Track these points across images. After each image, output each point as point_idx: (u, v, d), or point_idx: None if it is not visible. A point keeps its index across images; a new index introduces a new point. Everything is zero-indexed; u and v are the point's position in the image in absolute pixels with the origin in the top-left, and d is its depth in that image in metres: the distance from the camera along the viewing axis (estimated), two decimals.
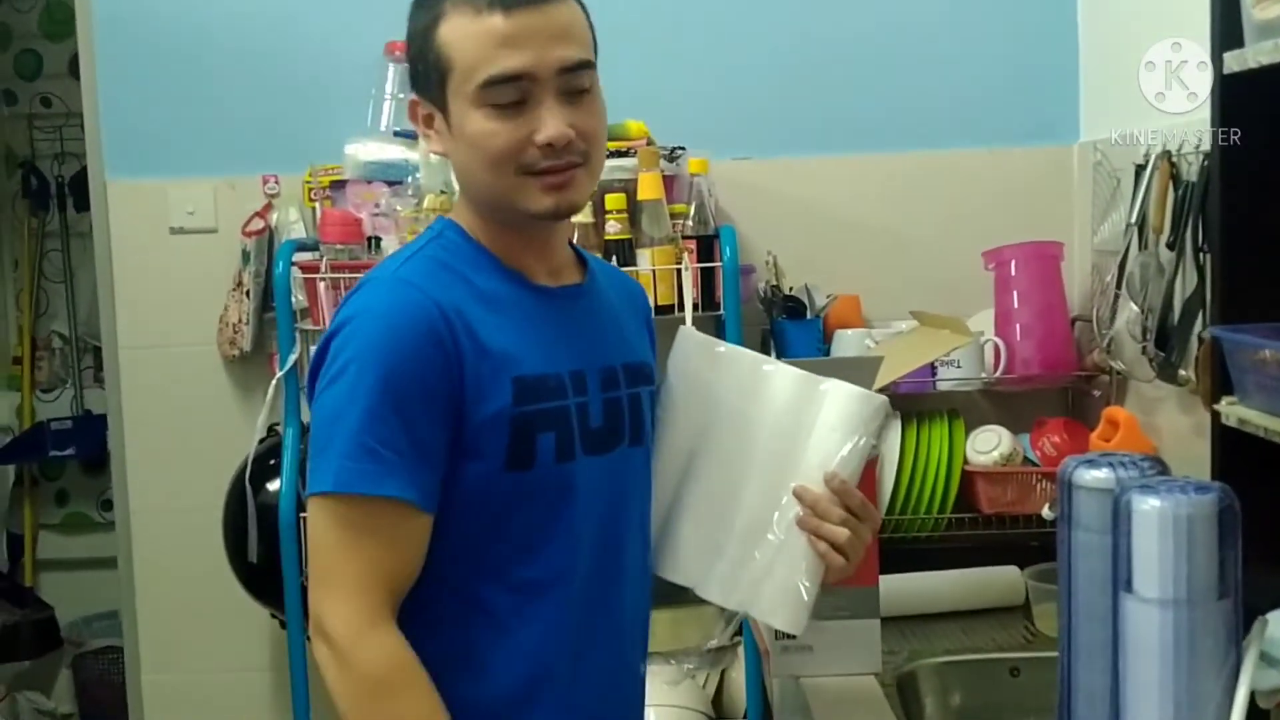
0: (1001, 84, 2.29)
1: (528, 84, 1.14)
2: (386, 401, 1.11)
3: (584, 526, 1.21)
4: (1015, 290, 2.12)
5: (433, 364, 1.12)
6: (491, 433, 1.14)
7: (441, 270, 1.18)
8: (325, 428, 1.13)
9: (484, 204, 1.21)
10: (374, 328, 1.13)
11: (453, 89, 1.16)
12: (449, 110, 1.17)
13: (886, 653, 1.61)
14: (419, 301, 1.13)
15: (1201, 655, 1.03)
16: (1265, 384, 1.19)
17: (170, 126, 2.34)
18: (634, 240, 2.08)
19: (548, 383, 1.18)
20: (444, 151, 1.22)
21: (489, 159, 1.16)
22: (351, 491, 1.11)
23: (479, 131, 1.15)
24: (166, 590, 2.42)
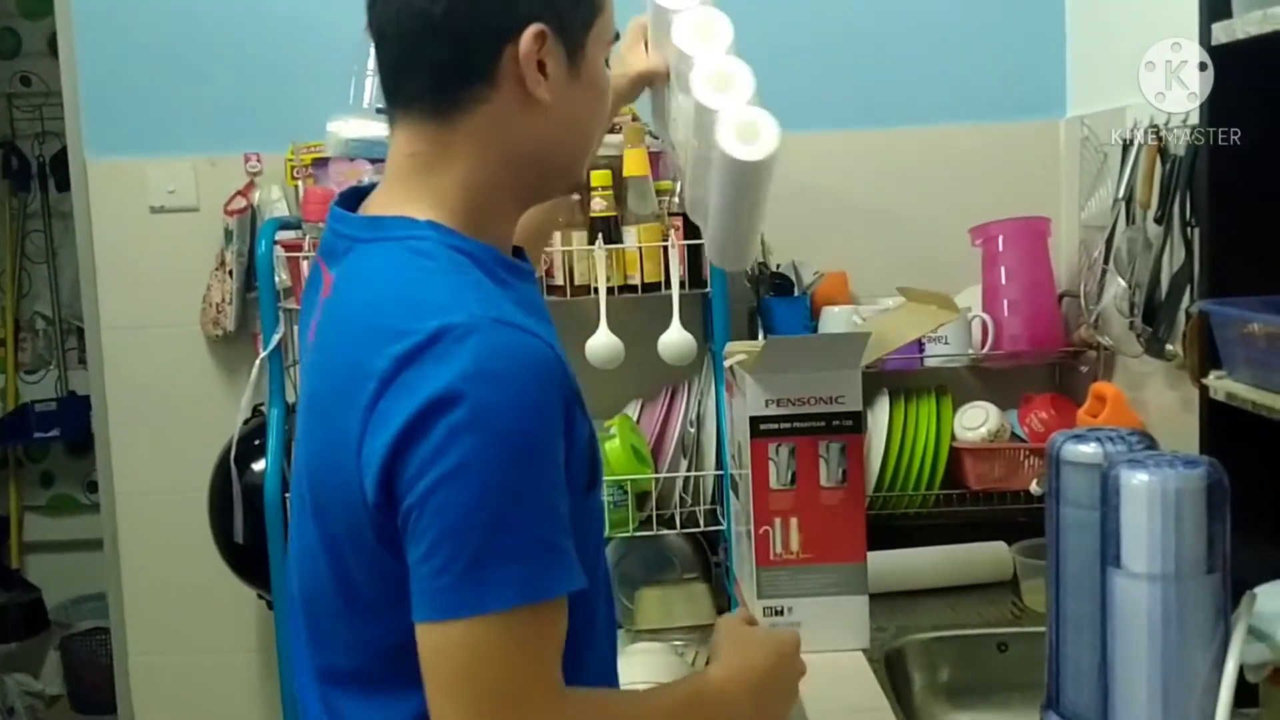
0: (989, 59, 2.28)
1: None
2: (550, 479, 0.91)
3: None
4: (1003, 266, 2.12)
5: (560, 422, 0.92)
6: (581, 457, 0.97)
7: (498, 293, 0.96)
8: (476, 532, 0.88)
9: (549, 169, 1.04)
10: (509, 393, 0.88)
11: (596, 33, 1.03)
12: (585, 54, 1.02)
13: (875, 629, 1.62)
14: (540, 351, 0.91)
15: (1190, 630, 1.04)
16: (1253, 357, 1.18)
17: (150, 104, 2.31)
18: (620, 217, 2.07)
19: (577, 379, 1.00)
20: (550, 99, 0.99)
21: (604, 109, 1.07)
22: (546, 599, 0.90)
23: (605, 81, 1.06)
24: (153, 572, 2.40)
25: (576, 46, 1.01)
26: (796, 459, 1.53)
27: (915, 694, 1.65)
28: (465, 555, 0.88)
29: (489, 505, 0.88)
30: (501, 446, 0.88)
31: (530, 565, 0.89)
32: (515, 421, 0.88)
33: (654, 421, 2.16)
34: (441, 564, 0.88)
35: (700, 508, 2.14)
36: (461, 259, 0.97)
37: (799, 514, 1.54)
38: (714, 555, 2.26)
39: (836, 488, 1.54)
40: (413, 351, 0.89)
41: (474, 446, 0.87)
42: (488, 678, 0.89)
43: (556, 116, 1.00)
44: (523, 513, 0.89)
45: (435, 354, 0.88)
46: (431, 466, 0.87)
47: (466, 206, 1.00)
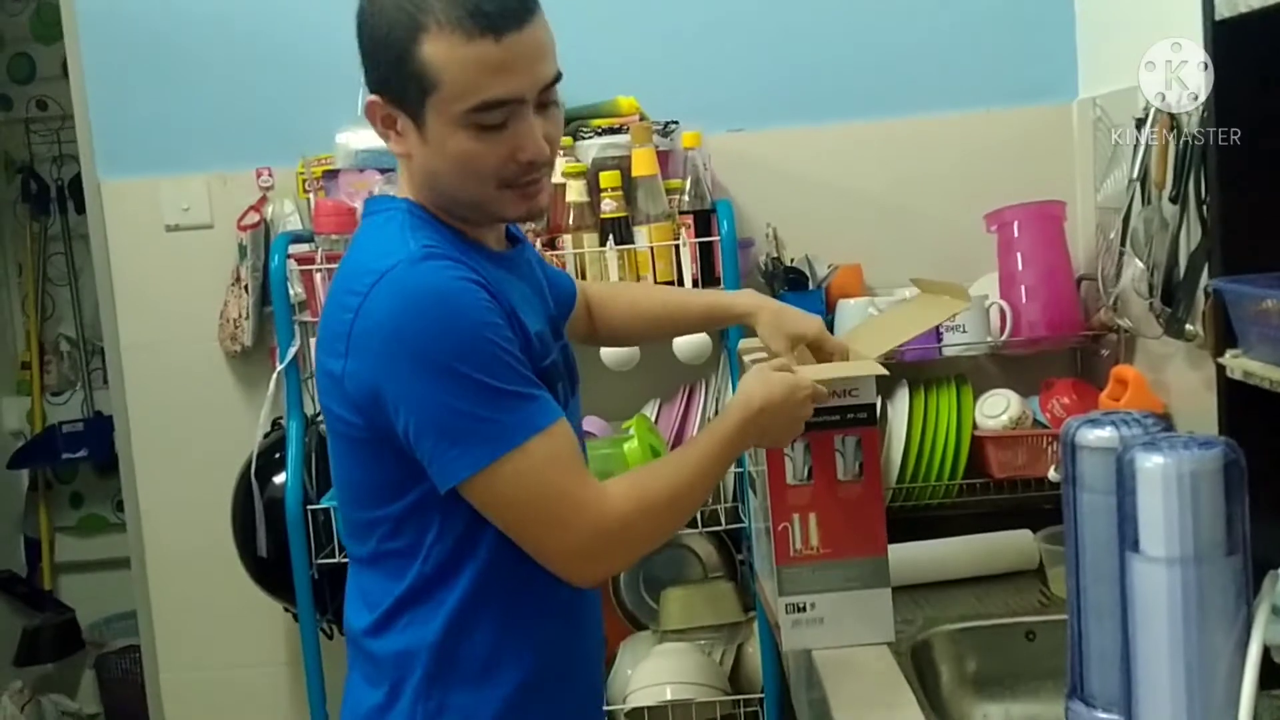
0: (997, 44, 2.26)
1: (514, 105, 1.17)
2: (501, 355, 1.14)
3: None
4: (1018, 252, 2.10)
5: (502, 318, 1.18)
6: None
7: (445, 243, 1.21)
8: (462, 407, 1.14)
9: (452, 205, 1.24)
10: (447, 299, 1.14)
11: (435, 107, 1.16)
12: (425, 123, 1.18)
13: (901, 621, 1.60)
14: (464, 269, 1.17)
15: (1211, 613, 1.02)
16: (1269, 335, 1.17)
17: (161, 123, 2.33)
18: (630, 218, 2.07)
19: (541, 339, 1.27)
20: (406, 154, 1.22)
21: (474, 176, 1.20)
22: (536, 432, 1.15)
23: (464, 151, 1.18)
24: (181, 588, 2.42)
25: (416, 116, 1.19)
26: (812, 454, 1.51)
27: (943, 686, 1.63)
28: (465, 424, 1.14)
29: (463, 389, 1.13)
30: (456, 337, 1.13)
31: (517, 413, 1.15)
32: (455, 315, 1.13)
33: (672, 421, 2.16)
34: (452, 438, 1.14)
35: (722, 506, 2.13)
36: (421, 225, 1.22)
37: (817, 509, 1.53)
38: (738, 553, 2.25)
39: (854, 482, 1.52)
40: (367, 289, 1.16)
41: (436, 344, 1.12)
42: (523, 510, 1.17)
43: (421, 168, 1.22)
44: (493, 382, 1.13)
45: (386, 284, 1.15)
46: (405, 372, 1.14)
47: (425, 201, 1.25)
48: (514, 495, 1.17)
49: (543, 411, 1.17)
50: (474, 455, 1.14)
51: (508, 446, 1.14)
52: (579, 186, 2.04)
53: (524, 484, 1.16)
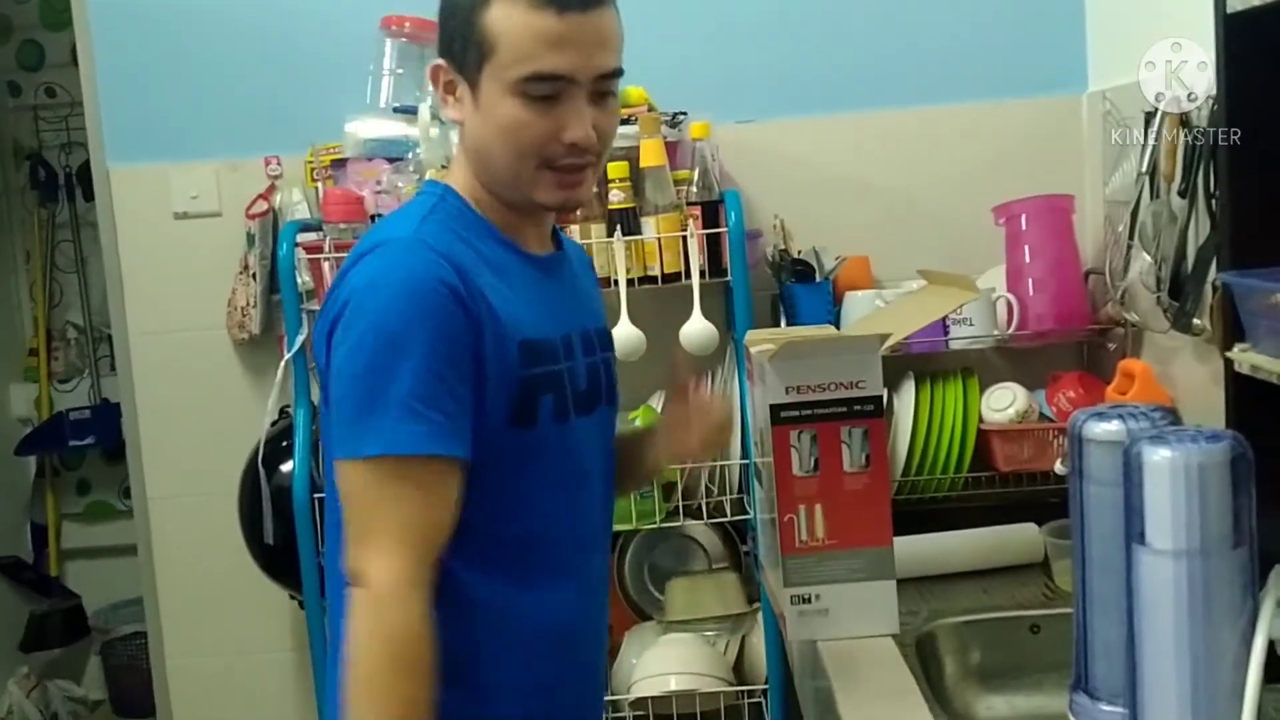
0: (1007, 35, 2.26)
1: (565, 84, 1.18)
2: (428, 362, 1.13)
3: (568, 480, 1.29)
4: (1026, 245, 2.10)
5: (460, 323, 1.15)
6: (499, 392, 1.19)
7: (453, 235, 1.21)
8: (362, 390, 1.14)
9: (494, 181, 1.24)
10: (405, 290, 1.14)
11: (491, 71, 1.19)
12: (480, 88, 1.20)
13: (906, 613, 1.60)
14: (441, 264, 1.16)
15: (1217, 605, 1.02)
16: (1278, 329, 1.16)
17: (170, 111, 2.33)
18: (638, 208, 2.07)
19: (546, 348, 1.24)
20: (461, 120, 1.24)
21: (515, 147, 1.20)
22: (405, 453, 1.13)
23: (511, 119, 1.19)
24: (188, 575, 2.43)
25: (473, 82, 1.21)
26: (818, 445, 1.52)
27: (947, 678, 1.64)
28: (351, 409, 1.15)
29: (374, 368, 1.13)
30: (398, 324, 1.13)
31: (400, 424, 1.12)
32: (414, 309, 1.13)
33: None
34: (340, 415, 1.16)
35: (727, 497, 2.13)
36: (448, 212, 1.24)
37: (823, 500, 1.53)
38: (743, 544, 2.26)
39: (860, 473, 1.52)
40: (363, 253, 1.20)
41: (376, 322, 1.14)
42: (360, 510, 1.15)
43: (471, 136, 1.24)
44: (406, 381, 1.12)
45: (367, 259, 1.18)
46: (344, 339, 1.16)
47: (470, 191, 1.27)
48: (351, 496, 1.16)
49: (417, 438, 1.13)
50: (343, 443, 1.15)
51: (369, 450, 1.13)
52: None
53: (360, 494, 1.15)
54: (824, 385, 1.52)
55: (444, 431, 1.14)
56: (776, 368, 1.52)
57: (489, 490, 1.21)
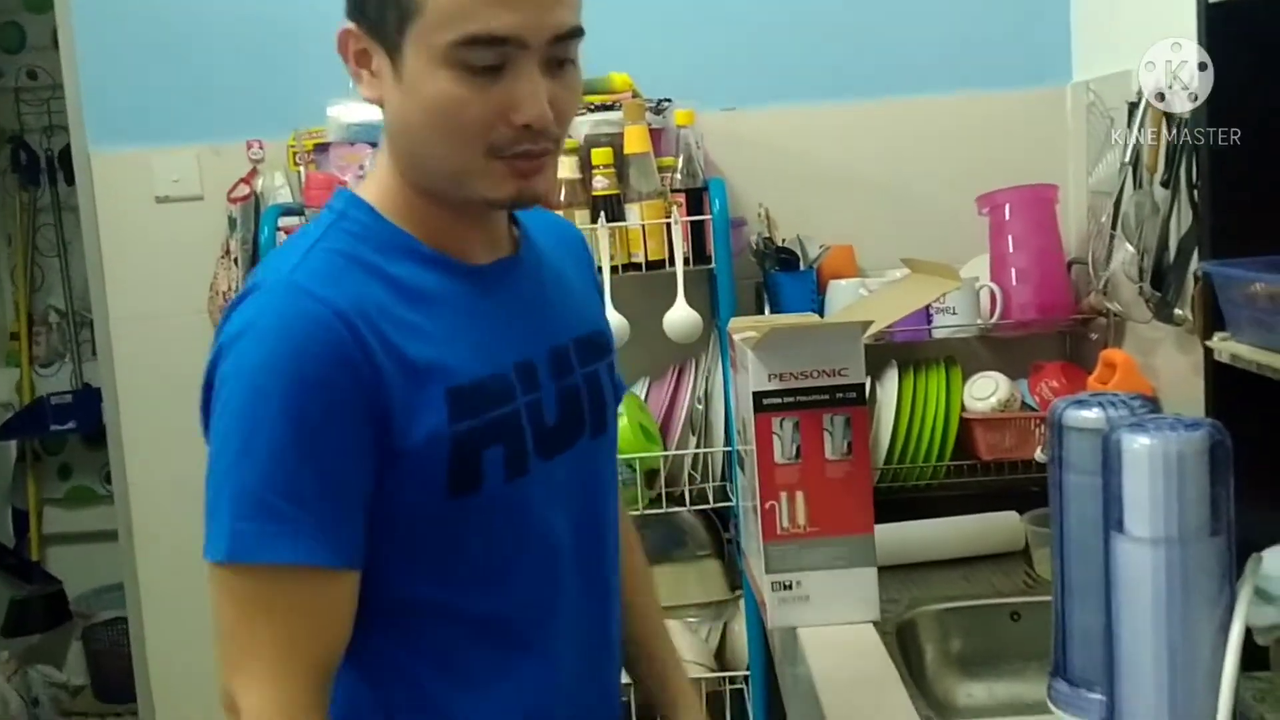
0: (992, 26, 2.26)
1: (512, 49, 0.93)
2: (286, 442, 0.90)
3: (558, 542, 1.07)
4: (1010, 235, 2.10)
5: (341, 389, 0.92)
6: (428, 457, 0.96)
7: (347, 266, 0.96)
8: (214, 478, 0.93)
9: (427, 176, 1.00)
10: (264, 350, 0.91)
11: (416, 34, 0.93)
12: (402, 56, 0.95)
13: (887, 601, 1.61)
14: (317, 315, 0.92)
15: (1195, 593, 1.02)
16: (1257, 318, 1.17)
17: (152, 94, 2.32)
18: (622, 195, 2.06)
19: (489, 388, 0.99)
20: (379, 100, 0.99)
21: (453, 131, 0.95)
22: (249, 561, 0.91)
23: (444, 96, 0.94)
24: (170, 561, 2.42)
25: (393, 48, 0.95)
26: (801, 433, 1.52)
27: (927, 665, 1.64)
28: (208, 499, 0.93)
29: (226, 451, 0.92)
30: (251, 394, 0.91)
31: (245, 522, 0.91)
32: (271, 376, 0.91)
33: (662, 399, 2.16)
34: (207, 508, 0.94)
35: (710, 484, 2.14)
36: (346, 232, 1.00)
37: (805, 488, 1.53)
38: (725, 531, 2.26)
39: (842, 460, 1.53)
40: (240, 298, 0.97)
41: (230, 393, 0.92)
42: (223, 624, 0.94)
43: (394, 118, 0.99)
44: (256, 467, 0.91)
45: (237, 309, 0.96)
46: (207, 417, 0.96)
47: (391, 194, 1.02)
48: (213, 603, 0.95)
49: (268, 541, 0.90)
50: (208, 540, 0.93)
51: (214, 555, 0.92)
52: (570, 163, 2.04)
53: (218, 602, 0.94)
54: (807, 373, 1.52)
55: (302, 528, 0.91)
56: (759, 355, 1.52)
57: (447, 572, 1.00)
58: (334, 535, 0.93)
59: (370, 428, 0.93)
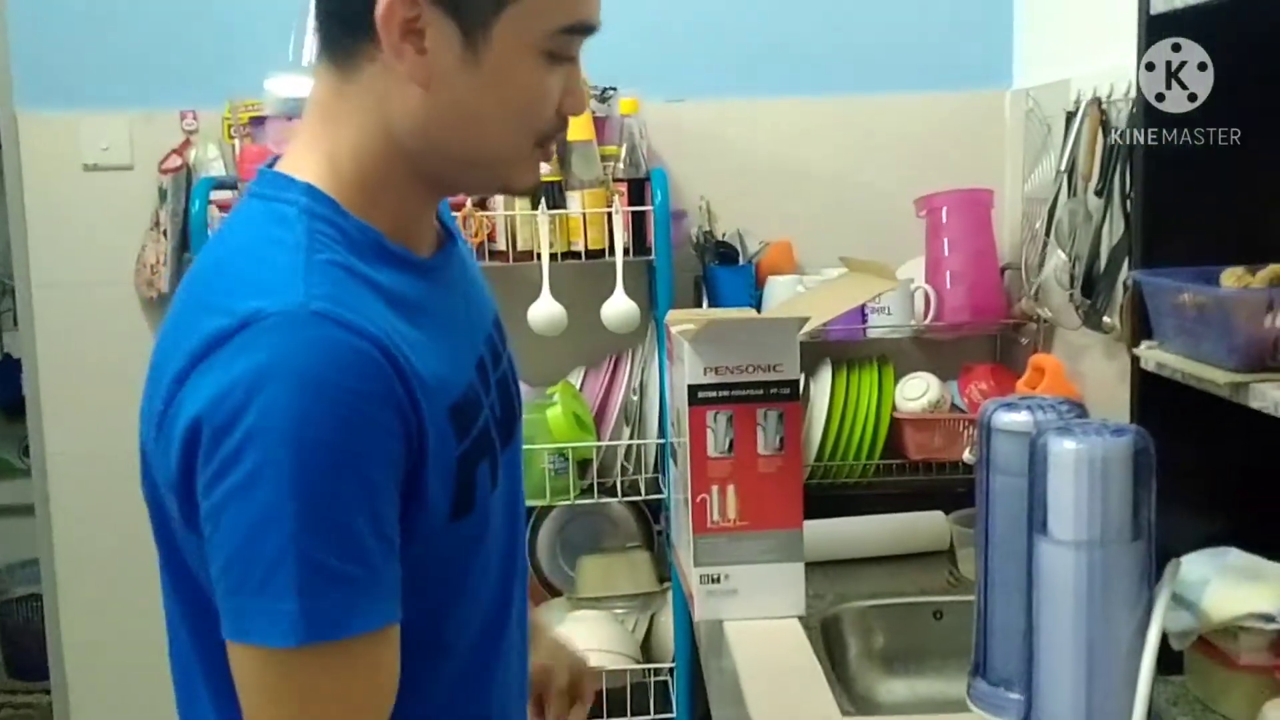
0: (936, 29, 2.28)
1: (579, 44, 0.92)
2: (347, 502, 0.80)
3: (512, 532, 1.03)
4: (946, 237, 2.12)
5: (391, 432, 0.82)
6: (438, 484, 0.88)
7: (347, 280, 0.85)
8: (257, 550, 0.79)
9: (448, 163, 0.92)
10: (305, 397, 0.79)
11: (511, 18, 0.87)
12: (489, 41, 0.87)
13: (812, 596, 1.62)
14: (355, 349, 0.81)
15: (1114, 597, 1.04)
16: (1184, 327, 1.19)
17: (83, 57, 2.25)
18: (564, 182, 2.05)
19: (470, 398, 0.93)
20: (425, 82, 0.87)
21: (527, 116, 0.91)
22: (335, 639, 0.80)
23: (534, 82, 0.89)
24: (88, 537, 2.36)
25: (477, 26, 0.86)
26: (734, 427, 1.52)
27: (850, 660, 1.66)
28: (253, 579, 0.79)
29: (276, 526, 0.78)
30: (293, 459, 0.78)
31: (313, 599, 0.79)
32: (312, 430, 0.78)
33: (597, 389, 2.15)
34: (233, 584, 0.81)
35: (643, 476, 2.14)
36: (324, 235, 0.87)
37: (736, 481, 1.53)
38: (656, 524, 2.26)
39: (774, 455, 1.53)
40: (225, 333, 0.80)
41: (265, 456, 0.78)
42: (281, 713, 0.82)
43: (443, 100, 0.88)
44: (313, 538, 0.79)
45: (242, 341, 0.80)
46: (223, 476, 0.79)
47: (355, 176, 0.90)
48: (257, 696, 0.82)
49: (359, 609, 0.81)
50: (245, 622, 0.81)
51: (280, 640, 0.79)
52: None
53: (277, 694, 0.82)
54: (742, 367, 1.52)
55: (372, 589, 0.82)
56: (696, 348, 1.52)
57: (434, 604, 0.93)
58: (394, 587, 0.84)
59: (407, 461, 0.84)
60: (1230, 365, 1.11)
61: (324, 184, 0.90)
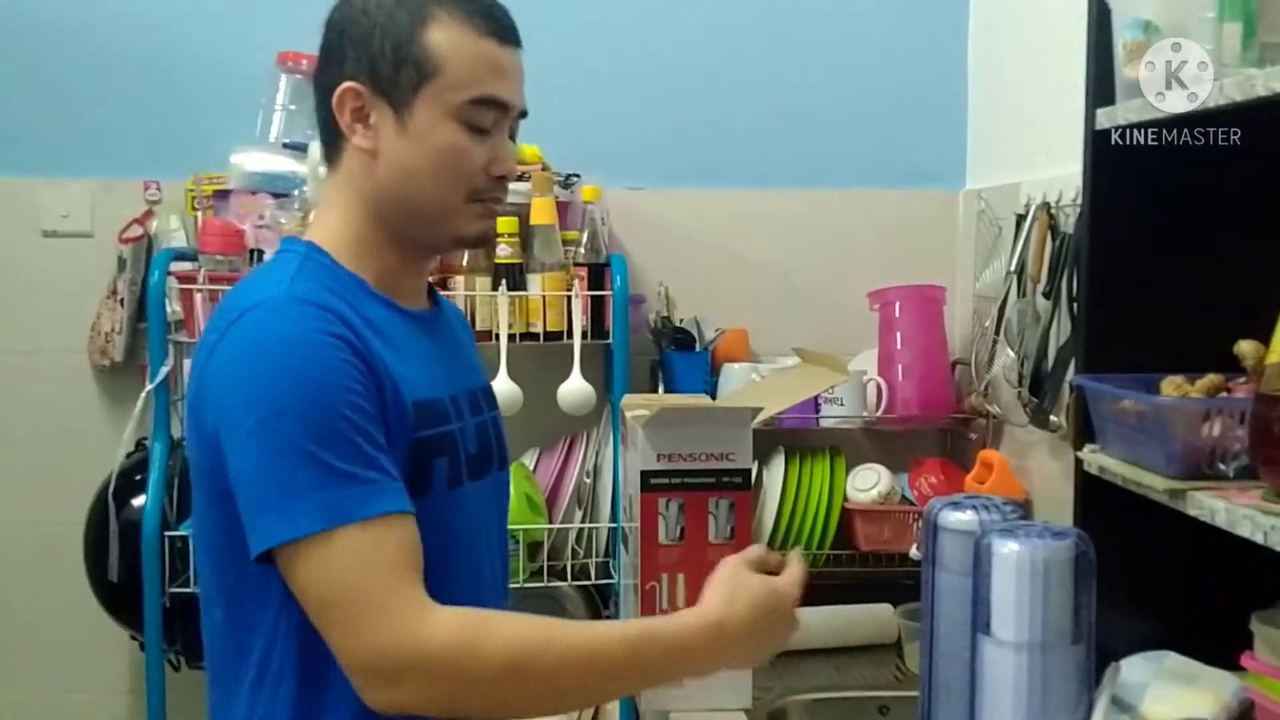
0: (893, 130, 2.34)
1: (499, 116, 1.16)
2: (342, 424, 1.03)
3: (461, 555, 1.18)
4: (898, 331, 2.16)
5: (362, 381, 1.07)
6: (397, 457, 1.09)
7: (329, 292, 1.12)
8: (279, 469, 1.02)
9: (412, 215, 1.17)
10: (295, 349, 1.05)
11: (432, 93, 1.13)
12: (412, 111, 1.14)
13: (759, 688, 1.61)
14: (331, 320, 1.07)
15: (1055, 698, 1.05)
16: (1124, 433, 1.22)
17: (46, 123, 2.25)
18: (525, 265, 2.07)
19: (438, 408, 1.16)
20: (374, 150, 1.15)
21: (452, 174, 1.15)
22: (349, 521, 1.01)
23: (452, 144, 1.14)
24: (22, 606, 2.31)
25: (403, 105, 1.14)
26: (685, 514, 1.52)
27: None
28: (276, 490, 1.02)
29: (286, 445, 1.01)
30: (293, 396, 1.02)
31: (331, 493, 1.01)
32: (313, 372, 1.03)
33: (550, 471, 2.15)
34: (257, 503, 1.03)
35: (593, 560, 2.12)
36: (316, 270, 1.14)
37: (685, 569, 1.53)
38: (606, 608, 2.24)
39: (724, 544, 1.53)
40: (232, 321, 1.08)
41: (270, 403, 1.02)
42: (341, 591, 1.01)
43: (391, 164, 1.15)
44: (324, 450, 1.01)
45: (242, 324, 1.07)
46: (242, 421, 1.03)
47: (345, 238, 1.18)
48: (310, 585, 1.02)
49: (368, 499, 1.02)
50: (275, 528, 1.02)
51: (309, 528, 1.01)
52: None
53: (323, 576, 1.02)
54: (695, 455, 1.53)
55: (381, 486, 1.04)
56: (649, 434, 1.52)
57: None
58: (400, 486, 1.05)
59: (379, 413, 1.07)
60: (1169, 472, 1.13)
61: (326, 242, 1.18)
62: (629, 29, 2.31)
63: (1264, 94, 1.02)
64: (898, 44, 2.33)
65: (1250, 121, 1.25)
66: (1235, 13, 1.08)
